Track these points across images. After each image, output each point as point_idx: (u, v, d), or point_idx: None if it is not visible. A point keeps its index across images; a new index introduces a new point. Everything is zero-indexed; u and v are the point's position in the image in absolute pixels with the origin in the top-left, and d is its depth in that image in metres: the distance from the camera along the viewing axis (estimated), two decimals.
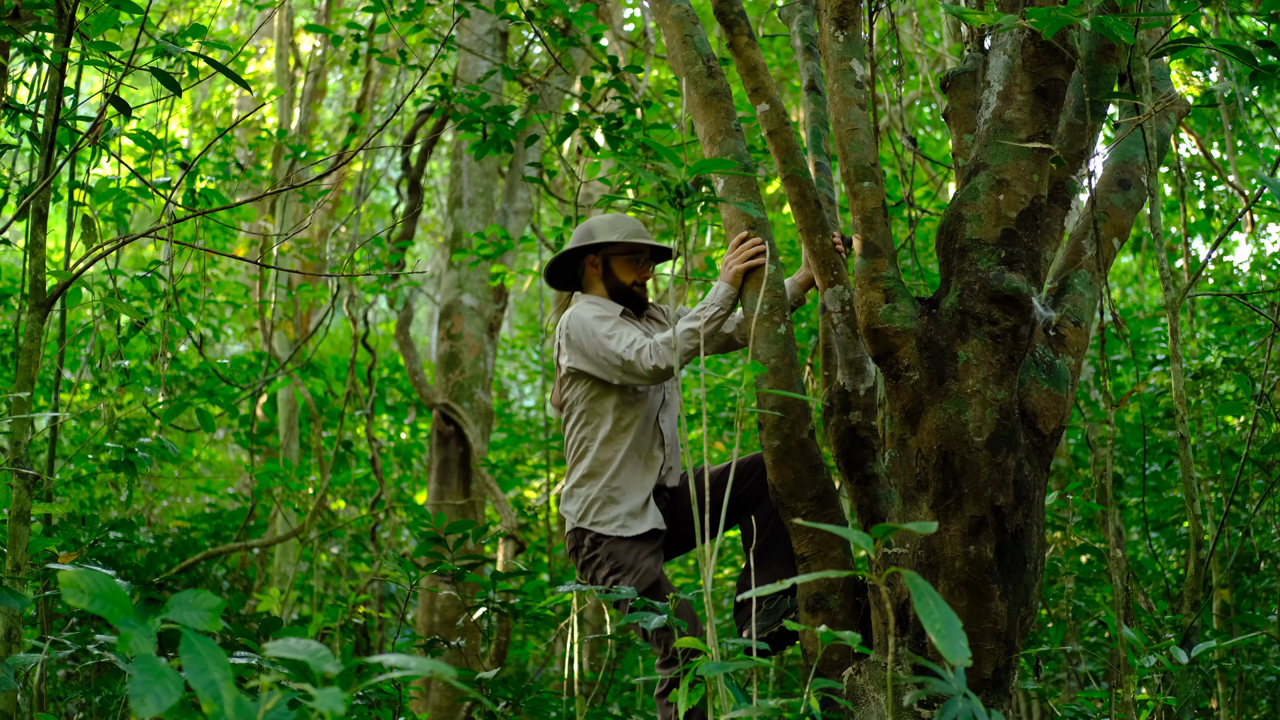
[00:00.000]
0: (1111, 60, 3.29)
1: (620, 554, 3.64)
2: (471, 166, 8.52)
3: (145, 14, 3.29)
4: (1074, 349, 3.15)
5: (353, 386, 7.88)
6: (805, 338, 6.35)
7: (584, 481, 3.74)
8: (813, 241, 3.43)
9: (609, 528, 3.67)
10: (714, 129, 3.64)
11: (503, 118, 5.44)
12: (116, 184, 4.52)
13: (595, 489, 3.70)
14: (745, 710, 2.24)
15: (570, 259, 3.92)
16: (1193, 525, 3.63)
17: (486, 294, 8.42)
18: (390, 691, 3.86)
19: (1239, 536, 5.23)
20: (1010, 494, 2.86)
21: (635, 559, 3.62)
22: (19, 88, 4.48)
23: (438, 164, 13.21)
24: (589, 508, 3.70)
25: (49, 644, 2.92)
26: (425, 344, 16.38)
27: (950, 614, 1.83)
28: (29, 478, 3.08)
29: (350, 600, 4.58)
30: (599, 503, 3.69)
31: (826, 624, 3.15)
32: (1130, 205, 3.46)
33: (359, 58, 8.86)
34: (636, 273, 3.85)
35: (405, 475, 10.35)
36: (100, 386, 5.84)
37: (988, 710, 2.19)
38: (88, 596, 1.53)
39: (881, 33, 4.92)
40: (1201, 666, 3.88)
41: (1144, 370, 6.21)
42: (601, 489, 3.69)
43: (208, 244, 6.62)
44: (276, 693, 1.54)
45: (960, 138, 3.30)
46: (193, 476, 10.51)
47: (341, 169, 10.07)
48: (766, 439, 3.28)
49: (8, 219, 3.59)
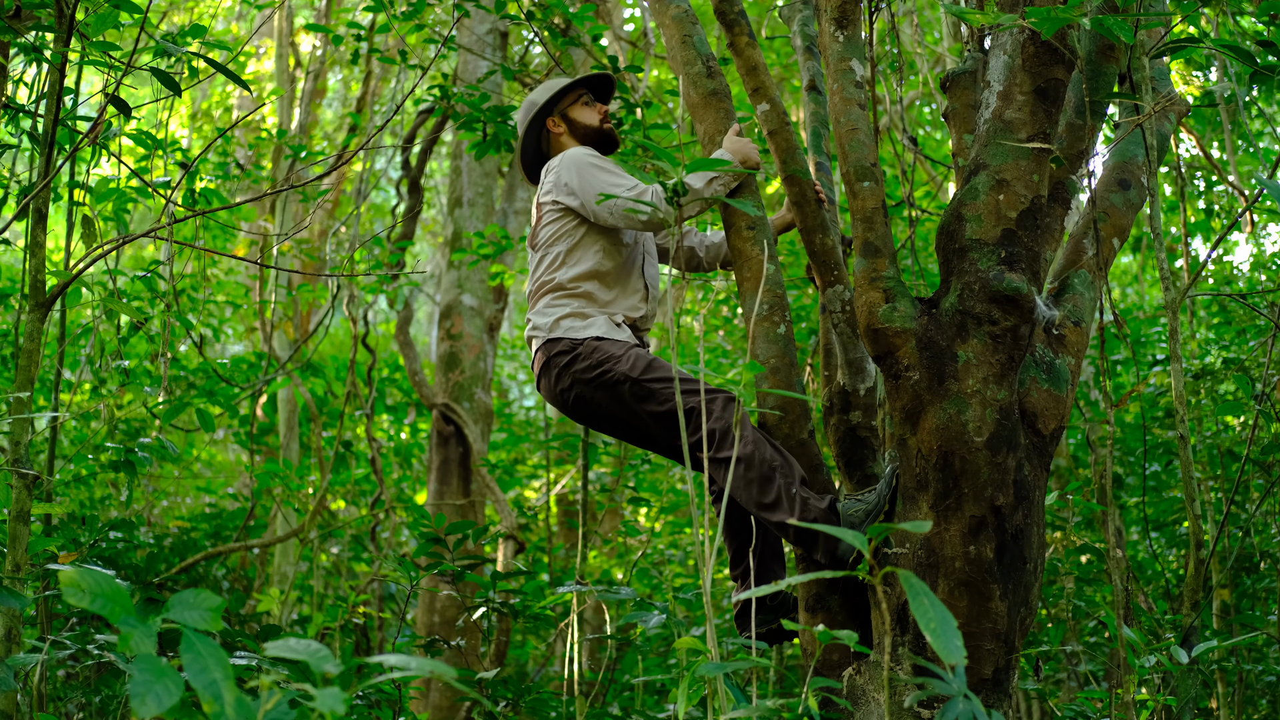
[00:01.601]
0: (1111, 60, 3.29)
1: (605, 347, 3.37)
2: (471, 166, 8.52)
3: (145, 14, 3.29)
4: (1074, 349, 3.15)
5: (353, 386, 7.88)
6: (805, 338, 6.35)
7: (558, 301, 3.48)
8: (813, 241, 3.43)
9: (587, 332, 3.41)
10: (713, 129, 3.64)
11: (503, 118, 5.44)
12: (116, 184, 4.52)
13: (573, 304, 3.46)
14: (745, 710, 2.24)
15: (535, 140, 3.80)
16: (1193, 525, 3.63)
17: (486, 294, 8.42)
18: (390, 691, 3.86)
19: (1239, 536, 5.23)
20: (1010, 494, 2.86)
21: (624, 349, 3.36)
22: (19, 88, 4.48)
23: (438, 164, 13.21)
24: (563, 319, 3.45)
25: (49, 644, 2.92)
26: (425, 344, 16.38)
27: (945, 613, 1.83)
28: (29, 478, 3.08)
29: (350, 600, 4.58)
30: (576, 316, 3.44)
31: (826, 624, 3.15)
32: (1130, 205, 3.46)
33: (359, 58, 8.86)
34: (597, 110, 3.77)
35: (405, 475, 10.35)
36: (100, 386, 5.85)
37: (988, 710, 2.19)
38: (88, 596, 1.53)
39: (881, 33, 4.93)
40: (1201, 666, 3.88)
41: (1144, 370, 6.21)
42: (579, 303, 3.46)
43: (208, 244, 6.62)
44: (276, 693, 1.54)
45: (960, 138, 3.31)
46: (193, 476, 10.51)
47: (341, 169, 10.07)
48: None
49: (8, 219, 3.59)
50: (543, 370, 3.46)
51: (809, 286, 6.59)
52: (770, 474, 3.11)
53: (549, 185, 3.57)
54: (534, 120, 3.75)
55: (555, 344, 3.42)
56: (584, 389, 3.37)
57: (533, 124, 3.75)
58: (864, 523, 3.04)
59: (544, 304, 3.50)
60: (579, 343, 3.39)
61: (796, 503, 3.08)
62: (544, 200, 3.59)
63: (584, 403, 3.40)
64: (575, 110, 3.76)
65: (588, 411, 3.44)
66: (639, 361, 3.31)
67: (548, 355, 3.43)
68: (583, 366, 3.36)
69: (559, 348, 3.41)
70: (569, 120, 3.76)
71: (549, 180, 3.58)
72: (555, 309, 3.47)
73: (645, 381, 3.27)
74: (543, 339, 3.46)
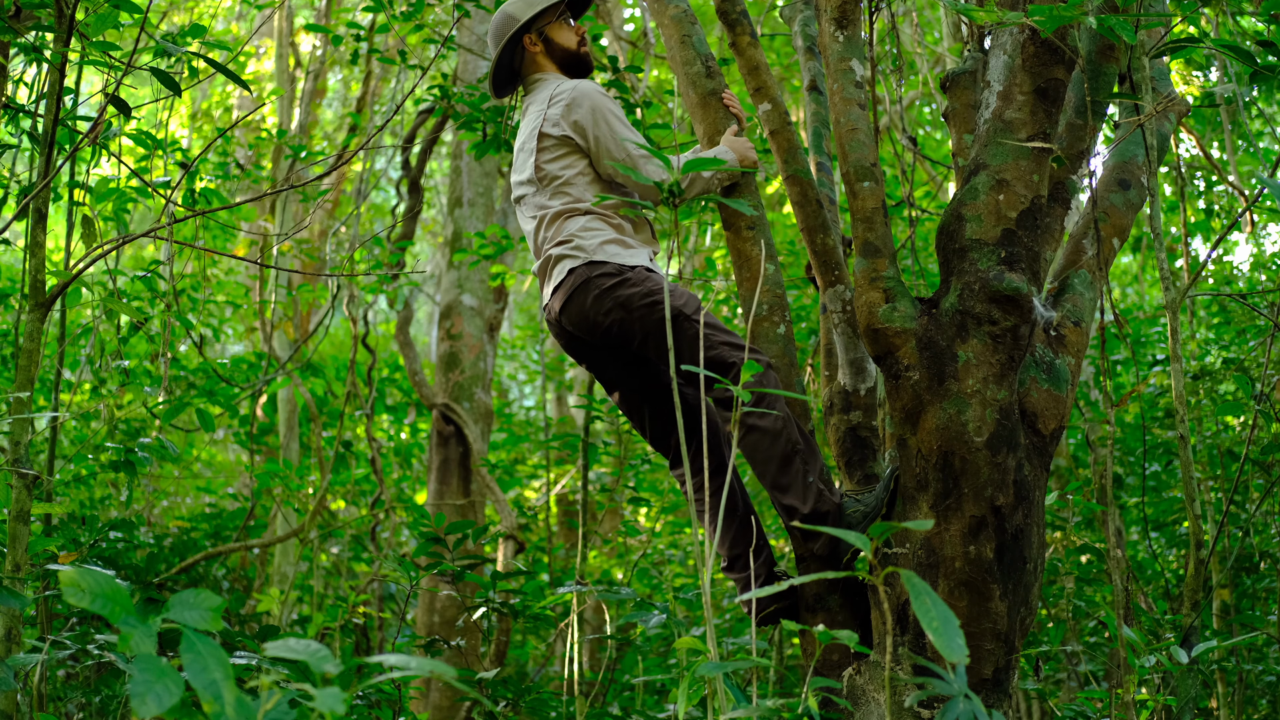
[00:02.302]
0: (1111, 60, 3.29)
1: (656, 279, 3.25)
2: (471, 166, 8.52)
3: (145, 14, 3.29)
4: (1074, 349, 3.15)
5: (353, 386, 7.88)
6: (805, 338, 6.35)
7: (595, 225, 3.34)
8: (814, 240, 3.43)
9: (634, 260, 3.28)
10: (713, 129, 3.64)
11: (503, 117, 5.44)
12: (116, 184, 4.52)
13: (610, 231, 3.33)
14: (745, 710, 2.24)
15: (509, 56, 3.67)
16: (1193, 525, 3.63)
17: (486, 294, 8.42)
18: (390, 691, 3.86)
19: (1239, 536, 5.22)
20: (1010, 494, 2.86)
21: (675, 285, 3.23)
22: (19, 88, 4.48)
23: (438, 164, 13.21)
24: (607, 244, 3.31)
25: (49, 644, 2.92)
26: (425, 344, 16.38)
27: (948, 612, 1.83)
28: (29, 478, 3.08)
29: (350, 600, 4.58)
30: (618, 244, 3.32)
31: (826, 624, 3.15)
32: (1130, 205, 3.46)
33: (359, 58, 8.86)
34: (574, 32, 3.66)
35: (405, 475, 10.35)
36: (100, 386, 5.84)
37: (988, 710, 2.19)
38: (88, 596, 1.53)
39: (881, 33, 4.93)
40: (1201, 666, 3.88)
41: (1144, 370, 6.21)
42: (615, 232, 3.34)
43: (208, 244, 6.62)
44: (276, 693, 1.54)
45: (960, 138, 3.31)
46: (193, 476, 10.50)
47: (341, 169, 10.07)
48: None
49: (8, 219, 3.59)
50: (578, 290, 3.30)
51: (809, 286, 6.59)
52: (792, 455, 3.09)
53: (555, 118, 3.43)
54: (511, 37, 3.62)
55: (600, 266, 3.28)
56: (626, 315, 3.24)
57: (510, 40, 3.63)
58: (863, 523, 3.03)
59: (578, 226, 3.35)
60: (628, 268, 3.27)
61: (811, 493, 3.07)
62: (550, 132, 3.44)
63: (620, 329, 3.27)
64: (554, 30, 3.64)
65: (618, 340, 3.31)
66: (691, 300, 3.24)
67: (589, 275, 3.28)
68: (633, 293, 3.23)
69: (604, 269, 3.27)
70: (546, 40, 3.63)
71: (555, 111, 3.44)
72: (596, 233, 3.34)
73: (696, 320, 3.17)
74: (585, 259, 3.31)
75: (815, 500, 3.06)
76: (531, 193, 3.49)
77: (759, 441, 3.12)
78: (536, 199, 3.48)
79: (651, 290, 3.21)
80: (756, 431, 3.12)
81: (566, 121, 3.41)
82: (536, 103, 3.55)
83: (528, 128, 3.55)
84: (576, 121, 3.40)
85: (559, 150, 3.43)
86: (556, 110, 3.44)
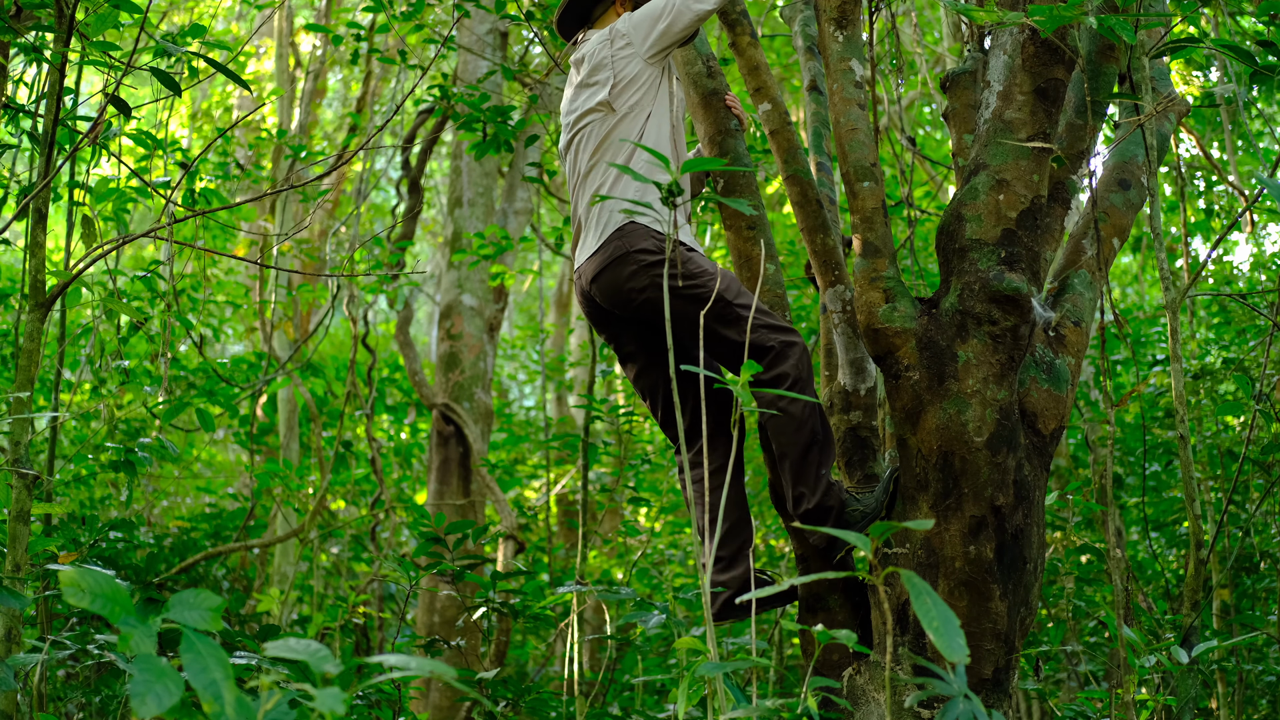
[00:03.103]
0: (1111, 60, 3.29)
1: (697, 259, 3.17)
2: (471, 166, 8.52)
3: (145, 14, 3.29)
4: (1074, 349, 3.15)
5: (353, 386, 7.88)
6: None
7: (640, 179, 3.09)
8: (814, 241, 3.43)
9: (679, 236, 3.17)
10: (713, 129, 3.64)
11: (503, 118, 5.44)
12: (116, 184, 4.52)
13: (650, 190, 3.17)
14: (745, 710, 2.24)
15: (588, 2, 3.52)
16: (1193, 525, 3.63)
17: (486, 294, 8.42)
18: (390, 691, 3.86)
19: (1239, 536, 5.22)
20: (1010, 494, 2.86)
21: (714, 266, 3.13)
22: (19, 88, 4.48)
23: (438, 164, 13.20)
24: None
25: (49, 644, 2.92)
26: (425, 344, 16.38)
27: (948, 612, 1.83)
28: (29, 478, 3.08)
29: (350, 600, 4.58)
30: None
31: (826, 624, 3.15)
32: (1130, 205, 3.46)
33: (359, 58, 8.86)
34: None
35: (405, 475, 10.35)
36: (100, 386, 5.84)
37: (988, 710, 2.19)
38: (88, 596, 1.53)
39: (881, 33, 4.92)
40: (1201, 666, 3.88)
41: (1144, 370, 6.21)
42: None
43: (208, 244, 6.62)
44: (276, 693, 1.54)
45: (960, 138, 3.31)
46: (193, 476, 10.50)
47: (341, 169, 10.07)
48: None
49: (8, 219, 3.59)
50: (614, 262, 3.20)
51: (809, 286, 6.59)
52: (811, 445, 3.09)
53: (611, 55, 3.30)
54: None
55: (642, 239, 3.18)
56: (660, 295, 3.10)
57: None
58: (863, 523, 3.03)
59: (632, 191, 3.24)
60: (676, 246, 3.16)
61: (821, 485, 3.07)
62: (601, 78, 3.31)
63: (654, 309, 3.16)
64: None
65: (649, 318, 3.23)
66: (734, 283, 3.17)
67: (629, 249, 3.17)
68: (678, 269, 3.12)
69: (644, 244, 3.17)
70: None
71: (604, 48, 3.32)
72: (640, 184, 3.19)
73: (736, 305, 3.11)
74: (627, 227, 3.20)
75: (823, 494, 3.06)
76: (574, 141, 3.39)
77: (785, 425, 3.09)
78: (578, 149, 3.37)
79: (694, 273, 3.11)
80: (785, 415, 3.08)
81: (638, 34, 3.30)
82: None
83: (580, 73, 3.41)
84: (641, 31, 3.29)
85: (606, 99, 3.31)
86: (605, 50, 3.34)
